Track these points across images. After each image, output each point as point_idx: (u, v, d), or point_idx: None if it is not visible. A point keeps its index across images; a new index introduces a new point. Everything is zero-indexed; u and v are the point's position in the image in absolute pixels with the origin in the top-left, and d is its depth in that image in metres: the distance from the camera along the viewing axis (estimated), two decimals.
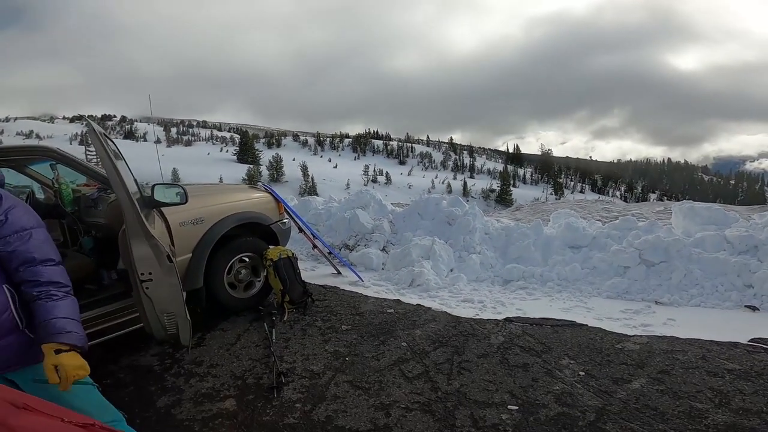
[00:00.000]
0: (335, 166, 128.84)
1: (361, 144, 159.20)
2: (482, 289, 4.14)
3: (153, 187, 2.63)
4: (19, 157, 2.96)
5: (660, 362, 2.43)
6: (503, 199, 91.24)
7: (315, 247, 4.51)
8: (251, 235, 3.44)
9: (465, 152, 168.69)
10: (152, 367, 2.72)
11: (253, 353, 2.81)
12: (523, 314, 3.32)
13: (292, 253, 3.54)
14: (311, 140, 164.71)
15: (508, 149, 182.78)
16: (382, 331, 3.05)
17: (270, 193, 3.79)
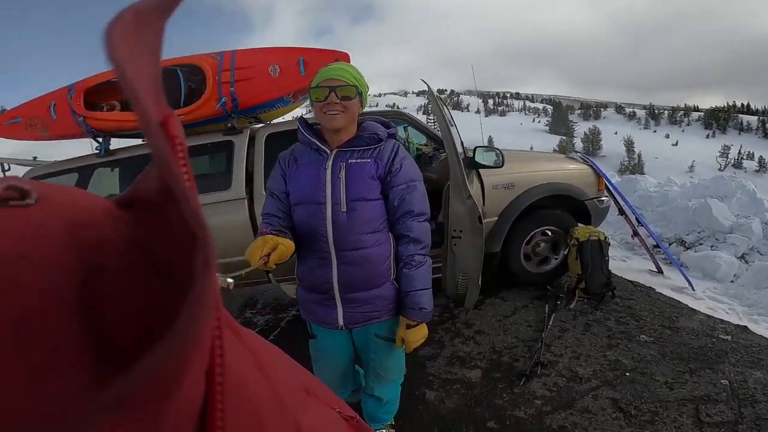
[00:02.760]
0: (674, 144, 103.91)
1: (718, 119, 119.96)
2: None
3: (475, 149, 2.77)
4: (393, 119, 3.78)
5: None
6: None
7: (636, 235, 3.68)
8: (560, 208, 3.14)
9: None
10: (432, 315, 2.98)
11: (521, 332, 2.61)
12: None
13: (605, 237, 3.00)
14: (641, 113, 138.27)
15: None
16: (698, 357, 2.19)
17: (590, 165, 3.30)
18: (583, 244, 2.91)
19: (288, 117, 3.37)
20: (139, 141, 3.03)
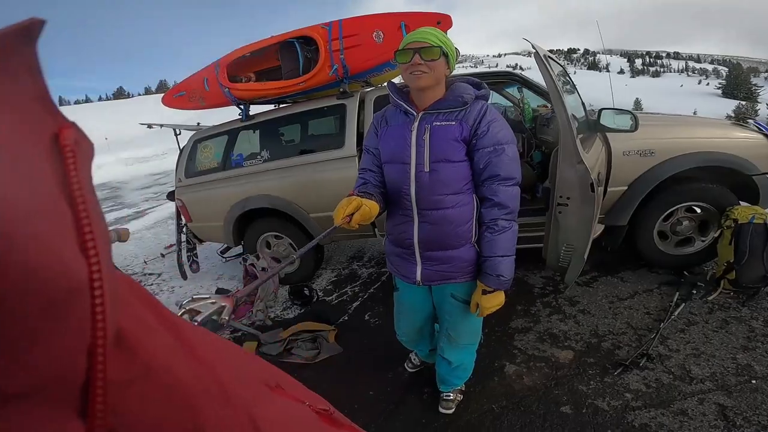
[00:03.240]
0: None
1: None
2: None
3: (600, 111, 2.49)
4: (495, 81, 3.49)
5: None
6: None
7: None
8: (718, 182, 2.64)
9: None
10: (533, 287, 2.80)
11: (635, 319, 2.33)
12: None
13: None
14: None
15: None
16: None
17: (767, 135, 2.66)
18: (742, 227, 2.41)
19: (396, 80, 3.44)
20: (271, 107, 3.49)
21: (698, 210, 2.68)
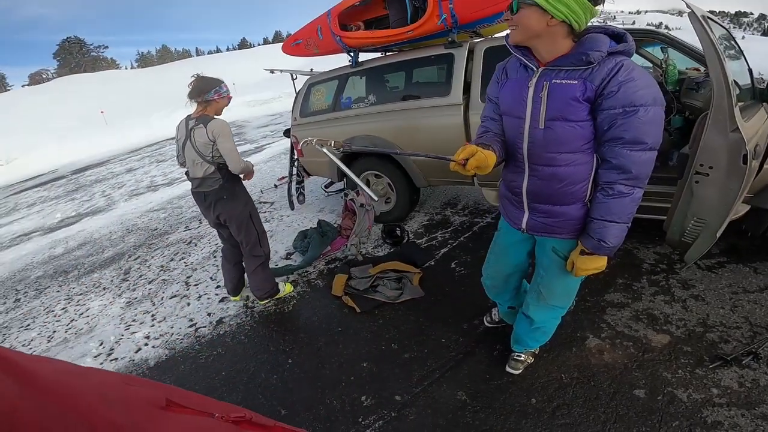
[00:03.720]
0: None
1: None
2: None
3: None
4: (644, 38, 2.99)
5: None
6: None
7: None
8: None
9: None
10: (643, 262, 2.55)
11: (758, 316, 2.01)
12: None
13: None
14: None
15: None
16: None
17: None
18: None
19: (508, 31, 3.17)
20: (378, 54, 3.59)
21: None
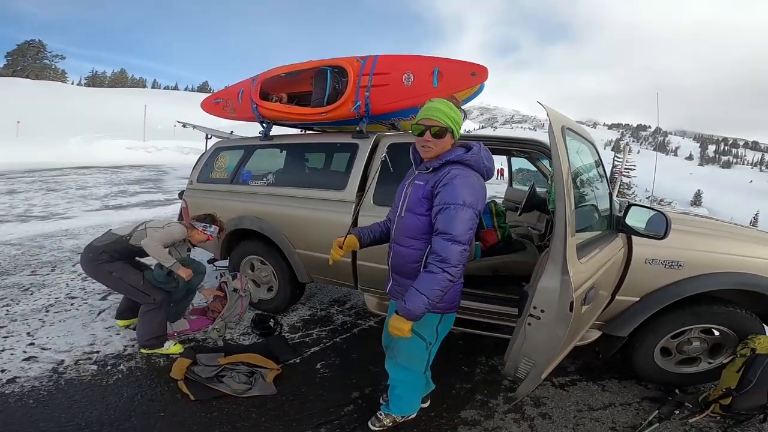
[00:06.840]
0: None
1: None
2: None
3: (628, 207, 2.21)
4: (533, 150, 3.06)
5: None
6: None
7: None
8: (747, 307, 2.34)
9: None
10: (504, 378, 2.56)
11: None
12: None
13: None
14: None
15: None
16: None
17: None
18: (757, 358, 2.18)
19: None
20: (295, 131, 3.50)
21: (716, 333, 2.39)
